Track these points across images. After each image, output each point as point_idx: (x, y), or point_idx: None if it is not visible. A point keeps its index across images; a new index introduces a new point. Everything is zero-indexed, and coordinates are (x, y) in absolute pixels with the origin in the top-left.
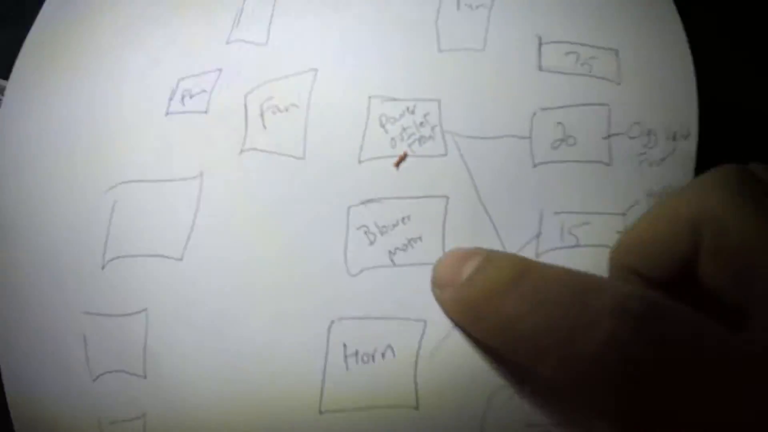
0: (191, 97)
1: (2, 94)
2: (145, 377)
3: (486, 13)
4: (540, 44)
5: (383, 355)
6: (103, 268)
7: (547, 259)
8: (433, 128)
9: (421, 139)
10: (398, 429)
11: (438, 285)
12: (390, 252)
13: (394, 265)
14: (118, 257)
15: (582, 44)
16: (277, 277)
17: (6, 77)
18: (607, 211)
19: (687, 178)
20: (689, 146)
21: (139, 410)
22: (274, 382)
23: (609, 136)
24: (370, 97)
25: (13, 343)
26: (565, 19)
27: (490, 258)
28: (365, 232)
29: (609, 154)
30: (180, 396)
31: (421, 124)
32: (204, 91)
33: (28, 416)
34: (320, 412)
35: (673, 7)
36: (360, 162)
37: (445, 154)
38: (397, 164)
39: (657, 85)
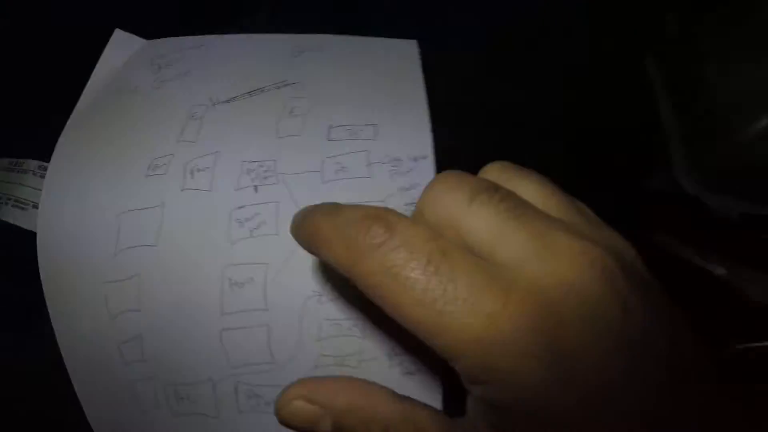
0: (158, 167)
1: None
2: (140, 311)
3: (302, 119)
4: (330, 128)
5: (248, 283)
6: (115, 256)
7: None
8: (272, 173)
9: (265, 178)
10: (257, 323)
11: (290, 227)
12: (251, 230)
13: (252, 236)
14: (123, 249)
15: (354, 124)
16: (200, 248)
17: None
18: (372, 200)
19: (428, 179)
20: (427, 162)
21: (136, 333)
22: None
23: (369, 164)
24: (242, 161)
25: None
26: (347, 113)
27: (319, 204)
28: (238, 221)
29: (369, 171)
30: (160, 319)
31: (266, 171)
32: (164, 164)
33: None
34: (221, 314)
35: (420, 87)
36: (236, 190)
37: (277, 183)
38: (254, 192)
39: (403, 136)
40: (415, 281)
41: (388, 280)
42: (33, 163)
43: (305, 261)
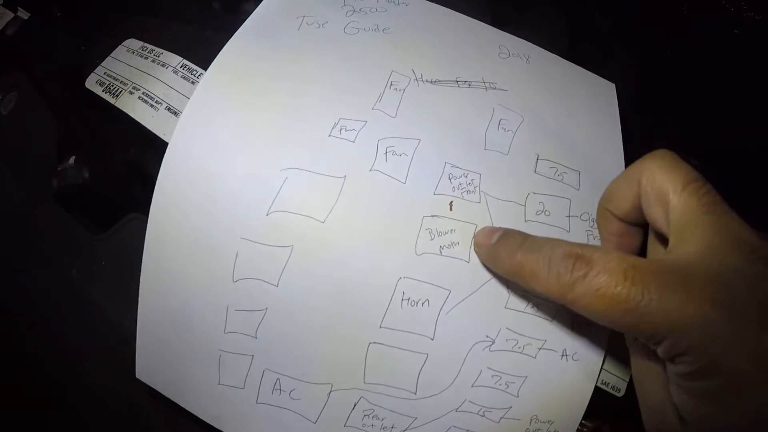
0: (346, 130)
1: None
2: (276, 286)
3: (511, 135)
4: (537, 159)
5: (423, 304)
6: (267, 215)
7: None
8: (475, 187)
9: (467, 192)
10: (416, 349)
11: (477, 245)
12: (441, 246)
13: (441, 255)
14: (279, 211)
15: (560, 164)
16: (375, 247)
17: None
18: None
19: None
20: None
21: (262, 306)
22: (356, 304)
23: (569, 216)
24: (445, 162)
25: (173, 248)
26: (554, 147)
27: (506, 231)
28: (429, 231)
29: (569, 225)
30: (297, 300)
31: (470, 183)
32: (354, 130)
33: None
34: (380, 327)
35: (620, 148)
36: (434, 194)
37: (479, 202)
38: (450, 205)
39: (599, 196)
40: (619, 293)
41: (597, 299)
42: (174, 59)
43: (486, 302)
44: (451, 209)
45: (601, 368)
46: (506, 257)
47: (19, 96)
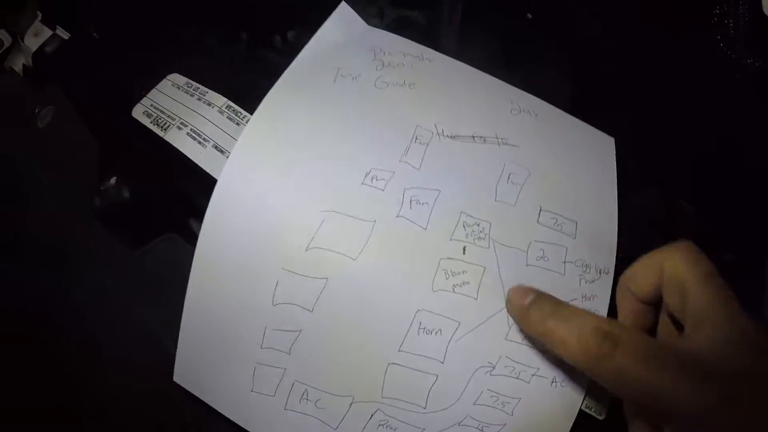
0: (377, 179)
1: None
2: (311, 311)
3: (518, 188)
4: (540, 210)
5: (436, 333)
6: (306, 250)
7: None
8: (485, 234)
9: (479, 239)
10: (428, 370)
11: (509, 302)
12: (454, 285)
13: (454, 292)
14: (317, 248)
15: (560, 215)
16: (399, 282)
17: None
18: (559, 296)
19: (607, 294)
20: (608, 278)
21: (297, 327)
22: (380, 330)
23: (565, 262)
24: (460, 212)
25: (218, 273)
26: (555, 199)
27: (538, 295)
28: (444, 272)
29: (564, 270)
30: (329, 325)
31: (481, 231)
32: (383, 179)
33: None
34: (399, 350)
35: (614, 199)
36: (450, 240)
37: (488, 248)
38: (464, 249)
39: (594, 244)
40: (641, 377)
41: (620, 377)
42: (220, 99)
43: (490, 334)
44: (464, 253)
45: (585, 395)
46: (538, 322)
47: (55, 110)
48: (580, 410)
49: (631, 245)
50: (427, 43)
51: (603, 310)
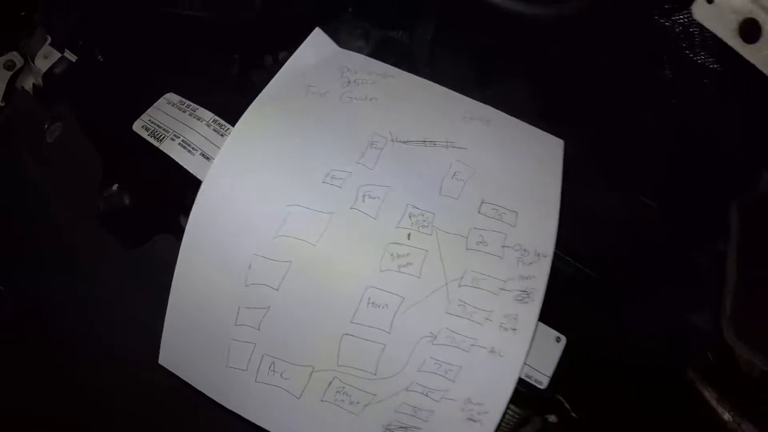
0: (335, 179)
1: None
2: (278, 290)
3: (462, 184)
4: (482, 202)
5: (383, 307)
6: (274, 238)
7: None
8: (429, 223)
9: (422, 227)
10: (376, 340)
11: None
12: (399, 266)
13: (399, 272)
14: (283, 236)
15: (501, 206)
16: (352, 264)
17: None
18: (498, 277)
19: (545, 275)
20: (546, 261)
21: (266, 305)
22: (335, 304)
23: (504, 246)
24: (407, 204)
25: (200, 261)
26: (498, 192)
27: None
28: (391, 255)
29: (502, 252)
30: (292, 301)
31: (425, 220)
32: (341, 178)
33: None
34: (351, 322)
35: (557, 192)
36: (396, 227)
37: (431, 235)
38: (408, 235)
39: (534, 231)
40: None
41: None
42: (208, 114)
43: (431, 308)
44: (408, 239)
45: (524, 364)
46: None
47: (63, 126)
48: (521, 378)
49: (595, 240)
50: (408, 61)
51: (541, 288)
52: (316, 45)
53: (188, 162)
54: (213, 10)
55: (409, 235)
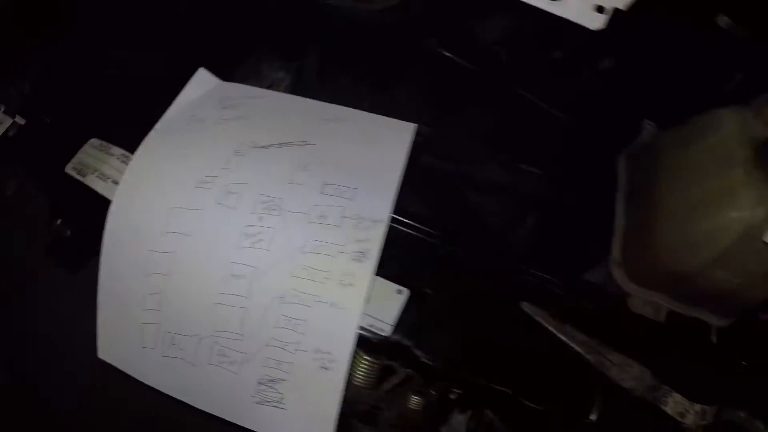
0: (206, 183)
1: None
2: (166, 275)
3: (309, 173)
4: (325, 184)
5: (242, 277)
6: (162, 235)
7: None
8: (277, 206)
9: (272, 209)
10: (238, 305)
11: None
12: (252, 242)
13: (253, 248)
14: (168, 232)
15: (342, 185)
16: (218, 245)
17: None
18: (337, 242)
19: (380, 237)
20: (381, 225)
21: (160, 289)
22: (206, 278)
23: (343, 217)
24: (259, 194)
25: (115, 263)
26: (340, 175)
27: None
28: (246, 235)
29: (341, 222)
30: (178, 284)
31: (275, 205)
32: (210, 182)
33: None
34: (219, 293)
35: (399, 168)
36: (251, 213)
37: (279, 216)
38: (260, 218)
39: (371, 202)
40: None
41: None
42: (118, 151)
43: (280, 274)
44: (260, 221)
45: (363, 314)
46: None
47: (18, 182)
48: (365, 328)
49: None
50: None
51: (375, 248)
52: (201, 82)
53: (103, 189)
54: (135, 70)
55: (260, 218)
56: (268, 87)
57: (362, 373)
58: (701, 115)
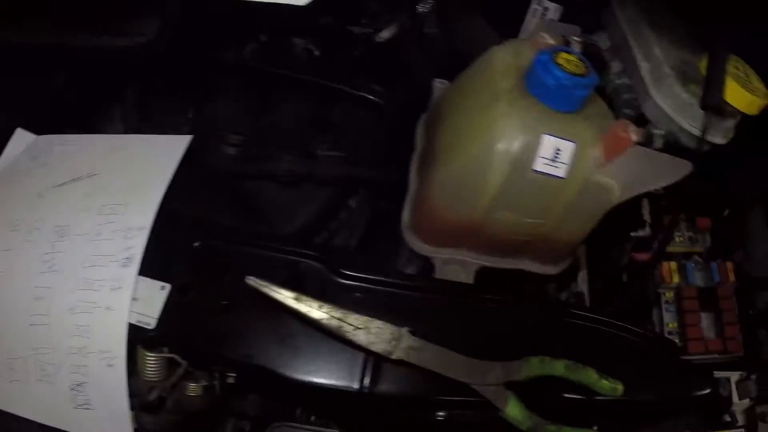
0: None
1: None
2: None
3: (89, 199)
4: (100, 206)
5: (37, 298)
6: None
7: None
8: (64, 233)
9: (61, 237)
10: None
11: None
12: (49, 267)
13: (49, 271)
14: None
15: (111, 204)
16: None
17: None
18: (110, 253)
19: (143, 242)
20: (145, 231)
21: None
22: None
23: (114, 231)
24: (54, 225)
25: None
26: (110, 195)
27: None
28: (43, 261)
29: (113, 235)
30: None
31: (64, 233)
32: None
33: None
34: (30, 315)
35: (167, 178)
36: (28, 241)
37: (65, 237)
38: (53, 245)
39: (138, 213)
40: None
41: None
42: None
43: (69, 290)
44: (53, 248)
45: (131, 312)
46: None
47: None
48: (134, 324)
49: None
50: None
51: (138, 252)
52: (20, 140)
53: None
54: None
55: (53, 245)
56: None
57: (149, 368)
58: (479, 56)
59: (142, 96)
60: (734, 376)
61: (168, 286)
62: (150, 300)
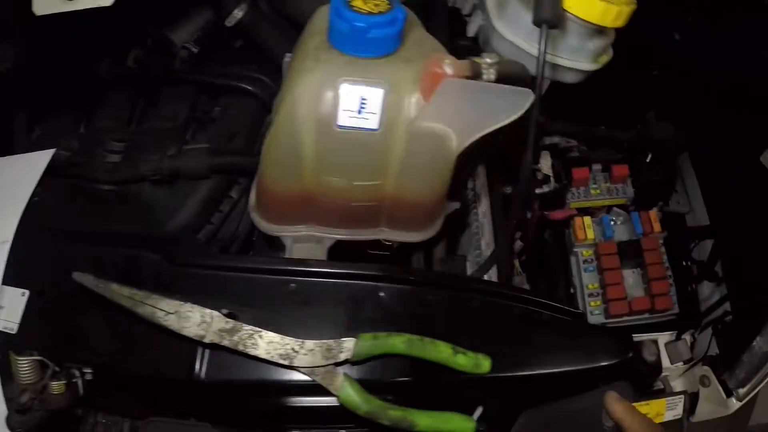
0: None
1: None
2: None
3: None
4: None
5: None
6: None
7: None
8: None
9: None
10: None
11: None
12: None
13: None
14: None
15: None
16: None
17: None
18: None
19: (5, 255)
20: (6, 245)
21: None
22: None
23: None
24: None
25: None
26: None
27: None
28: None
29: None
30: None
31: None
32: None
33: None
34: None
35: (24, 199)
36: None
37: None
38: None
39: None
40: None
41: None
42: None
43: None
44: None
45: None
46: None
47: None
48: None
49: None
50: None
51: (2, 264)
52: None
53: None
54: None
55: None
56: None
57: (22, 372)
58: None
59: (30, 120)
60: (663, 337)
61: (27, 292)
62: (13, 307)
